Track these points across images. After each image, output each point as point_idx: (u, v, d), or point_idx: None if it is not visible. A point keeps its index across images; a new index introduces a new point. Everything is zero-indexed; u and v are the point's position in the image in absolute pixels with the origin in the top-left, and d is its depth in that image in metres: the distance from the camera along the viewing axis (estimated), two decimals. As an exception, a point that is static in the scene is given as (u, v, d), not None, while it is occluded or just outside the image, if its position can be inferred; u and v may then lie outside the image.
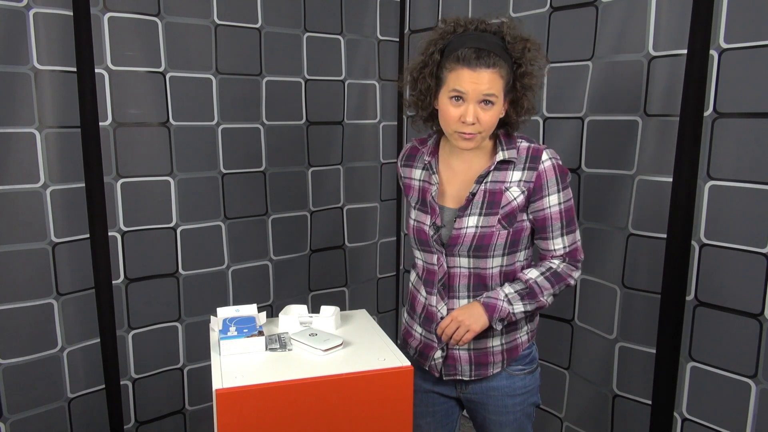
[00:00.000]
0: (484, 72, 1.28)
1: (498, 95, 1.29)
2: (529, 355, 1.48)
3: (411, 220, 1.47)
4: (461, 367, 1.45)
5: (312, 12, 2.30)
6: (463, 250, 1.38)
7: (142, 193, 1.99)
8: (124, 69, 1.90)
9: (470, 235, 1.36)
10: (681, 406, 1.72)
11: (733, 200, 1.57)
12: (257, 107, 2.22)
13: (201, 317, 2.14)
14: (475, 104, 1.29)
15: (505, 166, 1.37)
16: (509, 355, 1.45)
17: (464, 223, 1.37)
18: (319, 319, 1.46)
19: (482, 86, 1.28)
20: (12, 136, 1.72)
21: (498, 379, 1.46)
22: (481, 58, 1.28)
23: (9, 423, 1.79)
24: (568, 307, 2.05)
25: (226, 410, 1.15)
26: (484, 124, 1.30)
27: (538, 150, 1.37)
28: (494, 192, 1.37)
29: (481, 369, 1.45)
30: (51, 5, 1.73)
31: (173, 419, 2.19)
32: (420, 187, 1.46)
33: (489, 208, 1.36)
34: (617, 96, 1.82)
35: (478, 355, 1.44)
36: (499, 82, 1.29)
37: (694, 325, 1.67)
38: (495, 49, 1.29)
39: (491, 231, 1.36)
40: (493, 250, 1.37)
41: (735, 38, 1.53)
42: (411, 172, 1.49)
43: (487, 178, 1.37)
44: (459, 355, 1.45)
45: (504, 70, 1.29)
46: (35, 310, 1.80)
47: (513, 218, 1.37)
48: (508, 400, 1.47)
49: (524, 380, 1.47)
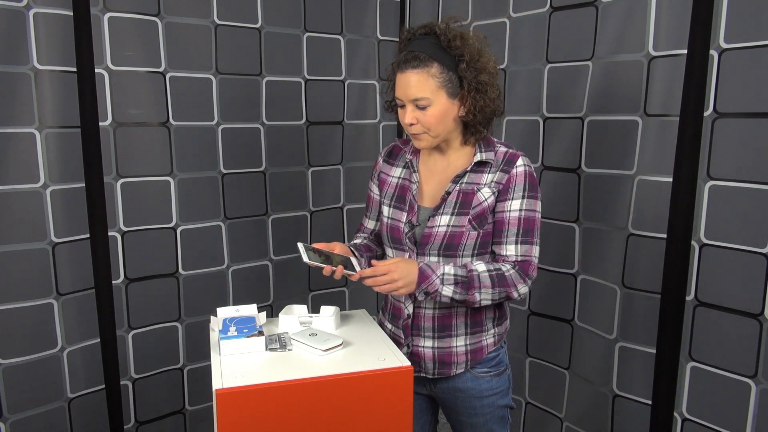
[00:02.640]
0: (410, 74, 1.32)
1: (430, 96, 1.32)
2: (495, 358, 1.49)
3: (384, 217, 1.49)
4: (424, 364, 1.48)
5: (312, 12, 2.30)
6: (433, 249, 1.39)
7: (142, 193, 1.99)
8: (124, 69, 1.90)
9: (441, 234, 1.38)
10: (681, 406, 1.72)
11: (733, 200, 1.57)
12: (257, 107, 2.22)
13: (201, 317, 2.14)
14: (411, 107, 1.34)
15: (481, 168, 1.40)
16: (473, 357, 1.46)
17: (436, 222, 1.39)
18: (319, 319, 1.47)
19: (410, 89, 1.32)
20: (12, 136, 1.72)
21: (463, 380, 1.48)
22: (408, 61, 1.32)
23: (9, 423, 1.79)
24: (568, 307, 2.05)
25: (226, 410, 1.15)
26: (425, 124, 1.34)
27: (514, 155, 1.39)
28: (467, 192, 1.38)
29: (444, 368, 1.47)
30: (51, 5, 1.73)
31: (173, 419, 2.19)
32: (398, 184, 1.48)
33: (461, 208, 1.38)
34: (617, 96, 1.82)
35: (441, 354, 1.46)
36: (429, 81, 1.31)
37: (694, 325, 1.67)
38: (427, 50, 1.31)
39: (461, 231, 1.37)
40: (462, 251, 1.39)
41: (735, 38, 1.53)
42: (390, 170, 1.53)
43: (463, 179, 1.40)
44: (423, 353, 1.47)
45: (436, 69, 1.31)
46: (35, 310, 1.80)
47: (483, 219, 1.38)
48: (476, 402, 1.48)
49: (490, 382, 1.48)
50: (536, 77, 2.07)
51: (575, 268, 2.01)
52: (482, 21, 2.24)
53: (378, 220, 1.60)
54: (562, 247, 2.02)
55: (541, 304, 2.15)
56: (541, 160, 2.08)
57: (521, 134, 2.13)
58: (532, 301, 2.18)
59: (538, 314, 2.16)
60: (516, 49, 2.15)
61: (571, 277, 2.02)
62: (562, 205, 2.01)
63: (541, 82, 2.06)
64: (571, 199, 1.98)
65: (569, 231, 2.00)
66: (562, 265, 2.04)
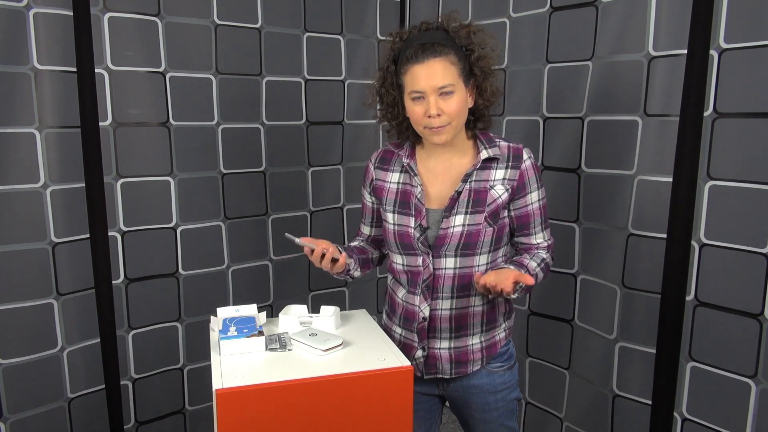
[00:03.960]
0: (434, 62, 1.31)
1: (455, 83, 1.32)
2: (506, 352, 1.51)
3: (389, 224, 1.46)
4: (441, 366, 1.47)
5: (312, 12, 2.30)
6: (450, 249, 1.39)
7: (142, 193, 1.99)
8: (124, 69, 1.90)
9: (458, 233, 1.38)
10: (681, 406, 1.72)
11: (733, 200, 1.57)
12: (257, 107, 2.22)
13: (201, 317, 2.14)
14: (435, 97, 1.32)
15: (488, 165, 1.40)
16: (488, 353, 1.47)
17: (451, 223, 1.38)
18: (319, 319, 1.46)
19: (436, 77, 1.31)
20: (12, 136, 1.72)
21: (478, 377, 1.48)
22: (426, 50, 1.31)
23: (9, 423, 1.79)
24: (568, 307, 2.05)
25: (226, 410, 1.15)
26: (450, 113, 1.33)
27: (518, 149, 1.41)
28: (479, 190, 1.39)
29: (461, 367, 1.47)
30: (51, 5, 1.73)
31: (173, 419, 2.19)
32: (399, 189, 1.46)
33: (474, 206, 1.38)
34: (617, 96, 1.82)
35: (458, 354, 1.46)
36: (451, 69, 1.32)
37: (694, 325, 1.67)
38: (439, 40, 1.32)
39: (478, 229, 1.38)
40: (480, 248, 1.39)
41: (735, 38, 1.53)
42: (386, 175, 1.50)
43: (472, 177, 1.39)
44: (440, 354, 1.46)
45: (454, 56, 1.32)
46: (35, 310, 1.80)
47: (497, 216, 1.39)
48: (490, 397, 1.49)
49: (504, 376, 1.49)
50: (536, 77, 2.07)
51: (575, 268, 2.01)
52: (482, 21, 2.24)
53: (374, 226, 1.59)
54: (562, 247, 2.02)
55: (541, 304, 2.15)
56: (541, 160, 2.08)
57: (521, 134, 2.14)
58: (532, 301, 2.18)
59: (538, 314, 2.16)
60: (516, 49, 2.15)
61: (571, 277, 2.02)
62: (562, 205, 2.01)
63: (541, 82, 2.06)
64: (571, 199, 1.99)
65: (569, 231, 2.00)
66: (562, 265, 2.04)
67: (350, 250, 1.54)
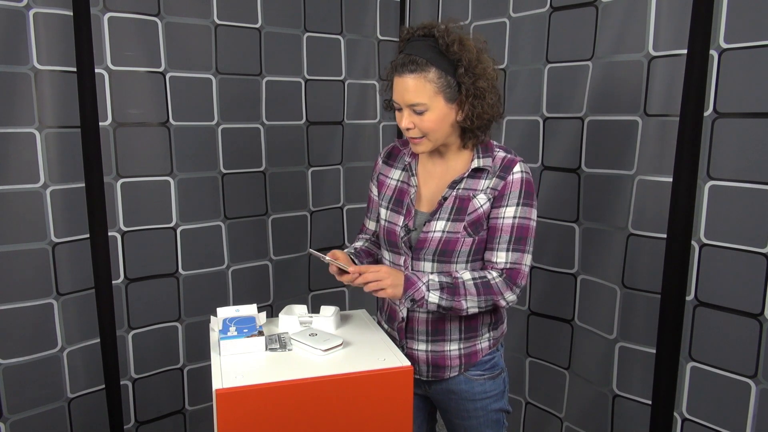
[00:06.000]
0: (408, 78, 1.29)
1: (427, 102, 1.29)
2: (490, 361, 1.48)
3: (381, 220, 1.48)
4: (418, 367, 1.47)
5: (312, 12, 2.30)
6: (428, 254, 1.39)
7: (142, 193, 1.99)
8: (124, 69, 1.90)
9: (436, 239, 1.37)
10: (681, 406, 1.72)
11: (733, 200, 1.57)
12: (257, 107, 2.22)
13: (201, 317, 2.14)
14: (409, 111, 1.31)
15: (478, 174, 1.38)
16: (467, 360, 1.46)
17: (432, 227, 1.38)
18: (319, 319, 1.47)
19: (407, 94, 1.29)
20: (12, 136, 1.72)
21: (456, 383, 1.47)
22: (405, 64, 1.29)
23: (9, 423, 1.79)
24: (568, 307, 2.05)
25: (226, 410, 1.15)
26: (422, 129, 1.32)
27: (512, 161, 1.37)
28: (463, 198, 1.37)
29: (438, 371, 1.47)
30: (51, 5, 1.73)
31: (173, 419, 2.19)
32: (397, 187, 1.47)
33: (457, 213, 1.37)
34: (617, 96, 1.82)
35: (436, 358, 1.46)
36: (426, 87, 1.28)
37: (694, 325, 1.67)
38: (425, 54, 1.28)
39: (456, 237, 1.36)
40: (457, 257, 1.38)
41: (735, 38, 1.53)
42: (389, 171, 1.51)
43: (460, 185, 1.38)
44: (417, 356, 1.47)
45: (434, 73, 1.28)
46: (35, 310, 1.80)
47: (479, 226, 1.36)
48: (469, 404, 1.48)
49: (484, 385, 1.47)
50: (536, 77, 2.07)
51: (575, 268, 2.01)
52: (482, 21, 2.24)
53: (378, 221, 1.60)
54: (562, 247, 2.02)
55: (541, 304, 2.15)
56: (541, 160, 2.08)
57: (521, 134, 2.13)
58: (532, 301, 2.18)
59: (538, 314, 2.16)
60: (516, 49, 2.15)
61: (571, 277, 2.02)
62: (562, 205, 2.01)
63: (541, 82, 2.06)
64: (571, 199, 1.98)
65: (569, 231, 2.00)
66: (562, 265, 2.04)
67: (360, 257, 1.54)
